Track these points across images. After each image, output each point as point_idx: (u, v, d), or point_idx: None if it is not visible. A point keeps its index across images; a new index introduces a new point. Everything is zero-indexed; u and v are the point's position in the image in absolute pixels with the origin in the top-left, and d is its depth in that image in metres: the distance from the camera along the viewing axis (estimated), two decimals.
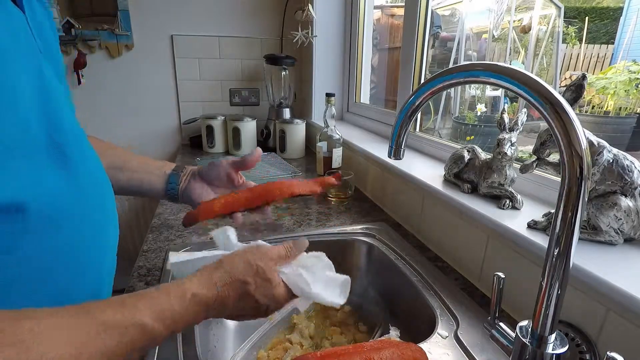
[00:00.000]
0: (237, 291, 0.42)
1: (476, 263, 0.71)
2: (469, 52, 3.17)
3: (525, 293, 0.60)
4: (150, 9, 1.57)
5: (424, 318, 0.64)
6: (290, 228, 0.92)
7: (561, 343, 0.40)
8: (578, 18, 2.54)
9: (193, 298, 0.38)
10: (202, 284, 0.40)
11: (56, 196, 0.37)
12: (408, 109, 0.46)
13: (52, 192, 0.37)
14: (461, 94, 3.04)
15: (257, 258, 0.44)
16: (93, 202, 0.44)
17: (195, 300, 0.38)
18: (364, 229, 0.91)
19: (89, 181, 0.44)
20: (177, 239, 0.85)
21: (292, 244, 0.49)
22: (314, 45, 1.57)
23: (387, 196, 1.04)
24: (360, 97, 1.62)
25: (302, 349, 0.70)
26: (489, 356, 0.53)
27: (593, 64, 2.24)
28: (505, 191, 0.70)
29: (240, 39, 1.72)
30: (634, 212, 0.52)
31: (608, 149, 0.53)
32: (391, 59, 2.38)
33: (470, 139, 2.42)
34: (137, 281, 0.70)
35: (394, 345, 0.47)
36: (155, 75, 1.65)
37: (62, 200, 0.38)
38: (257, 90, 1.81)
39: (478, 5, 3.19)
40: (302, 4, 1.56)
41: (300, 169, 1.40)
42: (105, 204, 0.47)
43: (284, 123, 1.55)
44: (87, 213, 0.42)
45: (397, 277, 0.76)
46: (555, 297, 0.38)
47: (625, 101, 1.41)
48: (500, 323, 0.47)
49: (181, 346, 0.54)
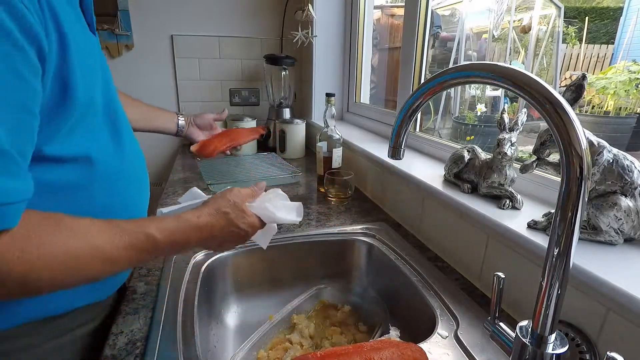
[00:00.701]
0: (221, 220, 0.54)
1: (476, 263, 0.71)
2: (469, 52, 3.17)
3: (525, 293, 0.60)
4: (150, 9, 1.57)
5: (424, 318, 0.64)
6: (290, 228, 0.92)
7: (561, 343, 0.40)
8: (578, 18, 2.54)
9: (187, 221, 0.51)
10: (194, 214, 0.53)
11: (110, 155, 0.53)
12: (408, 109, 0.46)
13: (108, 152, 0.53)
14: (461, 94, 3.04)
15: (232, 196, 0.57)
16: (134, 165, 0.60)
17: (189, 223, 0.51)
18: (364, 229, 0.91)
19: (130, 148, 0.58)
20: None
21: (255, 185, 0.63)
22: (314, 45, 1.57)
23: (387, 196, 1.04)
24: (360, 97, 1.62)
25: (302, 349, 0.70)
26: (489, 356, 0.53)
27: (593, 64, 2.23)
28: (505, 191, 0.70)
29: (240, 39, 1.72)
30: (634, 212, 0.52)
31: (608, 149, 0.53)
32: (391, 59, 2.38)
33: (470, 139, 2.42)
34: (137, 281, 0.70)
35: (394, 345, 0.47)
36: (155, 75, 1.65)
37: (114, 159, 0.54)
38: (257, 90, 1.81)
39: (478, 5, 3.19)
40: (302, 4, 1.56)
41: (300, 169, 1.40)
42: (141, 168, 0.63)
43: (284, 123, 1.55)
44: (131, 173, 0.58)
45: (397, 277, 0.76)
46: (555, 297, 0.38)
47: (625, 101, 1.41)
48: (500, 323, 0.47)
49: (181, 346, 0.54)
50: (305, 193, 1.17)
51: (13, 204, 0.37)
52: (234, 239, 0.57)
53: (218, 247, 0.58)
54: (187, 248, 0.53)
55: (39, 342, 0.52)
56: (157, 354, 0.53)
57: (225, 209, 0.55)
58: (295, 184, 1.25)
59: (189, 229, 0.51)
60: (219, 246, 0.58)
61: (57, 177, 0.46)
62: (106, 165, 0.52)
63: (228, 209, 0.55)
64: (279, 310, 0.80)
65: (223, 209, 0.55)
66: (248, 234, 0.58)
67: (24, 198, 0.38)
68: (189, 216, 0.52)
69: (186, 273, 0.72)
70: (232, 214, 0.55)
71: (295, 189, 1.20)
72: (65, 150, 0.46)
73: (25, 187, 0.39)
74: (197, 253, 0.78)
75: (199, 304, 0.65)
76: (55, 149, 0.45)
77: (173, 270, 0.73)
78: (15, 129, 0.37)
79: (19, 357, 0.51)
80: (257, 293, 0.83)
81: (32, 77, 0.38)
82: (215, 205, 0.55)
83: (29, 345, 0.52)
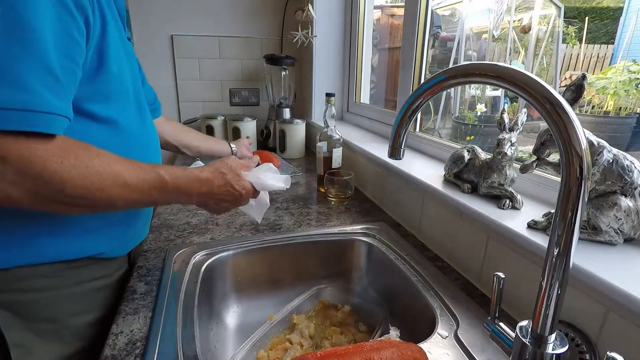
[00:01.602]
0: (219, 178, 0.63)
1: (476, 263, 0.71)
2: (469, 52, 3.18)
3: (525, 293, 0.60)
4: (150, 9, 1.57)
5: (424, 318, 0.64)
6: (290, 228, 0.92)
7: (561, 343, 0.40)
8: (578, 18, 2.53)
9: (192, 172, 0.61)
10: (197, 169, 0.62)
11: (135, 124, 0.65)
12: (407, 109, 0.46)
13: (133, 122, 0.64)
14: (461, 94, 3.04)
15: (230, 161, 0.66)
16: (151, 135, 0.72)
17: (193, 174, 0.60)
18: (363, 229, 0.91)
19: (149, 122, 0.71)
20: (177, 239, 0.85)
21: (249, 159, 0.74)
22: (314, 45, 1.57)
23: (387, 196, 1.04)
24: (360, 97, 1.62)
25: (302, 349, 0.70)
26: (489, 356, 0.53)
27: (593, 64, 2.23)
28: (505, 191, 0.70)
29: (240, 39, 1.72)
30: (634, 212, 0.52)
31: (608, 149, 0.53)
32: (391, 59, 2.38)
33: (470, 139, 2.42)
34: (137, 281, 0.70)
35: (394, 345, 0.47)
36: (155, 75, 1.65)
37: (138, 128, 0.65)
38: (257, 90, 1.81)
39: (478, 5, 3.19)
40: (302, 4, 1.56)
41: (300, 169, 1.40)
42: (155, 138, 0.74)
43: (284, 123, 1.55)
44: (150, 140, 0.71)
45: (397, 277, 0.76)
46: (555, 297, 0.38)
47: (625, 101, 1.42)
48: (500, 323, 0.47)
49: (181, 346, 0.54)
50: (305, 193, 1.17)
51: (59, 115, 0.46)
52: (230, 198, 0.66)
53: (215, 205, 0.66)
54: (190, 197, 0.61)
55: (58, 285, 0.60)
56: (157, 354, 0.53)
57: (223, 170, 0.64)
58: (295, 184, 1.25)
59: (193, 179, 0.60)
60: (216, 204, 0.66)
61: (92, 132, 0.56)
62: (131, 131, 0.63)
63: (225, 170, 0.64)
64: (279, 310, 0.80)
65: (222, 169, 0.64)
66: (242, 195, 0.66)
67: (67, 116, 0.47)
68: (194, 170, 0.62)
69: (186, 273, 0.72)
70: (228, 175, 0.64)
71: (295, 189, 1.20)
72: (101, 111, 0.57)
73: (68, 109, 0.48)
74: (198, 253, 0.78)
75: (199, 304, 0.65)
76: (93, 108, 0.56)
77: (173, 270, 0.73)
78: (64, 68, 0.47)
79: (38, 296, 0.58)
80: (257, 293, 0.83)
81: (79, 37, 0.49)
82: (216, 165, 0.65)
83: (50, 287, 0.59)
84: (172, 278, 0.70)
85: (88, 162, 0.48)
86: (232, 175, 0.65)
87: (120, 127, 0.61)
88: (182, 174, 0.59)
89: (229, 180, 0.64)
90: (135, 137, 0.64)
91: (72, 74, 0.49)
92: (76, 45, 0.49)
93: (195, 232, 0.88)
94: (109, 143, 0.57)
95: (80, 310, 0.63)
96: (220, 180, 0.63)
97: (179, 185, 0.58)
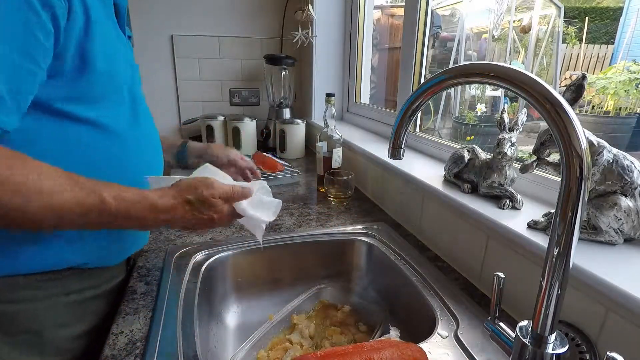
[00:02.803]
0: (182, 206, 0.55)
1: (476, 263, 0.71)
2: (469, 52, 3.18)
3: (525, 293, 0.60)
4: (150, 9, 1.57)
5: (424, 318, 0.64)
6: (290, 228, 0.92)
7: (561, 343, 0.40)
8: (578, 18, 2.53)
9: (147, 199, 0.52)
10: (158, 193, 0.55)
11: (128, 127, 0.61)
12: (407, 109, 0.46)
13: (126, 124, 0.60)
14: (461, 94, 3.04)
15: (203, 187, 0.57)
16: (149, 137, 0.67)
17: (148, 202, 0.52)
18: (364, 229, 0.91)
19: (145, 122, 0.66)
20: (177, 239, 0.85)
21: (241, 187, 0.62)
22: (314, 45, 1.57)
23: (387, 196, 1.04)
24: (360, 97, 1.62)
25: (302, 349, 0.70)
26: (489, 356, 0.53)
27: (593, 64, 2.23)
28: (505, 191, 0.70)
29: (240, 39, 1.72)
30: (634, 212, 0.52)
31: (608, 149, 0.53)
32: (391, 59, 2.38)
33: (470, 139, 2.42)
34: (137, 281, 0.70)
35: (394, 345, 0.47)
36: (155, 75, 1.65)
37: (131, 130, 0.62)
38: (257, 90, 1.81)
39: (478, 5, 3.19)
40: (302, 4, 1.56)
41: (300, 169, 1.40)
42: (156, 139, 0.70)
43: (284, 123, 1.55)
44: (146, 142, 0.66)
45: (397, 277, 0.76)
46: (555, 297, 0.38)
47: (625, 101, 1.42)
48: (500, 323, 0.47)
49: (181, 346, 0.54)
50: (305, 193, 1.17)
51: None
52: (201, 223, 0.58)
53: (185, 230, 0.62)
54: (145, 225, 0.55)
55: (40, 296, 0.57)
56: (157, 354, 0.53)
57: (188, 196, 0.56)
58: (295, 184, 1.25)
59: (147, 208, 0.52)
60: (186, 229, 0.61)
61: (71, 134, 0.53)
62: (122, 134, 0.59)
63: (192, 197, 0.56)
64: (279, 310, 0.80)
65: (187, 195, 0.56)
66: (214, 219, 0.58)
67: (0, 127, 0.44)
68: (152, 194, 0.54)
69: (186, 273, 0.72)
70: (195, 202, 0.56)
71: (295, 189, 1.20)
72: (85, 112, 0.54)
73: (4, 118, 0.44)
74: (198, 253, 0.78)
75: (199, 304, 0.65)
76: (75, 109, 0.53)
77: (173, 270, 0.73)
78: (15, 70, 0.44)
79: (17, 308, 0.55)
80: (257, 293, 0.83)
81: (42, 35, 0.45)
82: (181, 187, 0.57)
83: (30, 298, 0.56)
84: (172, 278, 0.70)
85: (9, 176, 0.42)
86: (199, 204, 0.56)
87: (109, 129, 0.57)
88: (134, 201, 0.51)
89: (196, 208, 0.56)
90: (126, 140, 0.60)
91: (28, 75, 0.46)
92: (37, 43, 0.45)
93: (196, 234, 0.88)
94: (93, 146, 0.55)
95: (64, 323, 0.60)
96: (181, 210, 0.55)
97: (127, 212, 0.50)
